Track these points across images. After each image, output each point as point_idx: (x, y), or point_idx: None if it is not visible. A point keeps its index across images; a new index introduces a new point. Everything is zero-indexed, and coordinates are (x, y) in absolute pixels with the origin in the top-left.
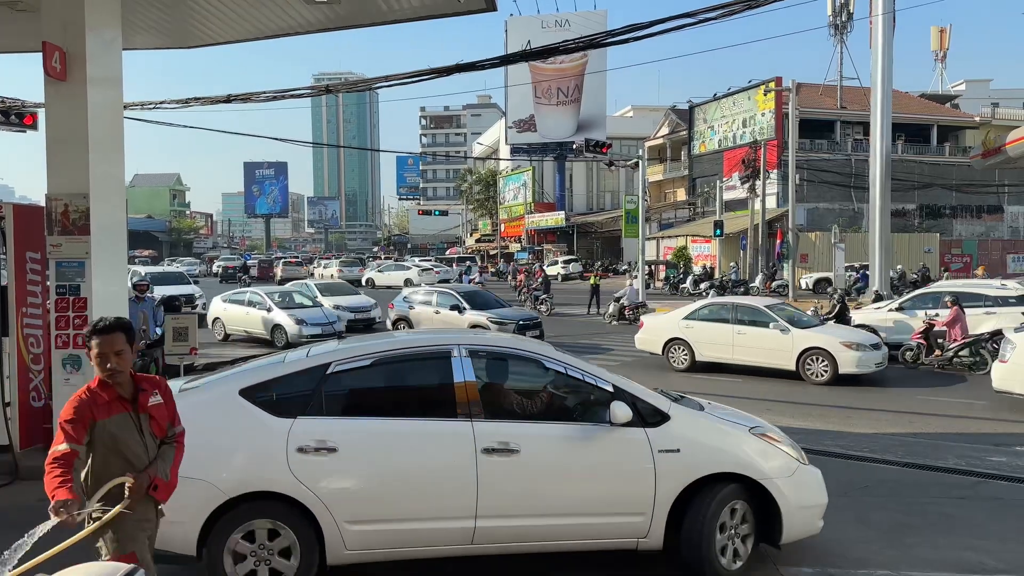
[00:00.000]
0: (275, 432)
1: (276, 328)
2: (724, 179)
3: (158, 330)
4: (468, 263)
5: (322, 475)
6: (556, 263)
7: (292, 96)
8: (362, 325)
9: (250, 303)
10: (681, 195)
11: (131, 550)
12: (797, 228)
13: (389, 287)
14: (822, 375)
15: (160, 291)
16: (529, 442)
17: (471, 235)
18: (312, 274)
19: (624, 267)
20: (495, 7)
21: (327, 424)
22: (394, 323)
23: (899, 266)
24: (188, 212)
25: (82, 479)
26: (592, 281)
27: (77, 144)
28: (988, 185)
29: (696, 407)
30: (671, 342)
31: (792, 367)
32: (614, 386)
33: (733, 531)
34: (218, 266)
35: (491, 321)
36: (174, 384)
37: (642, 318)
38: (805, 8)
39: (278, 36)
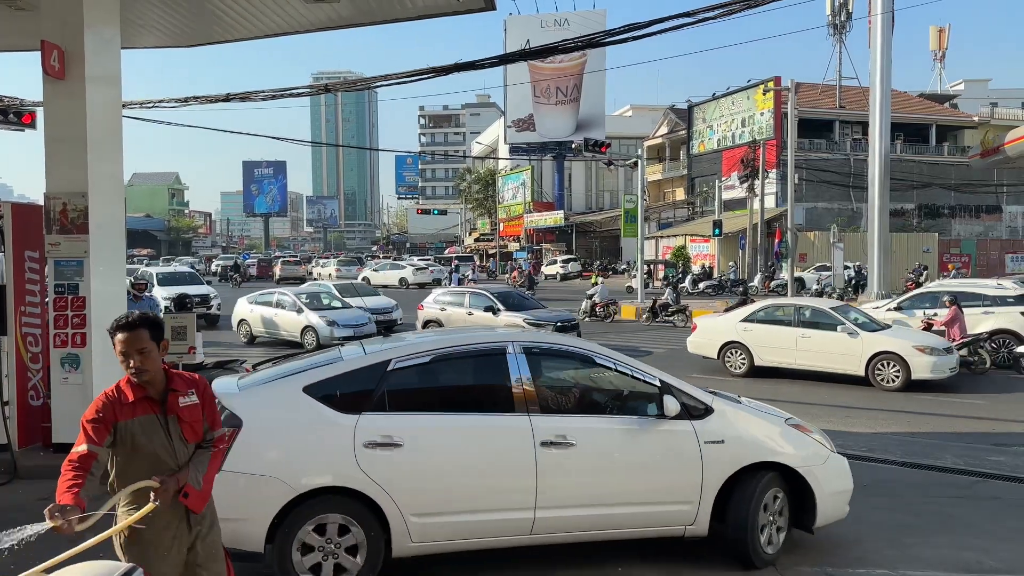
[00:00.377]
0: (342, 428)
1: (307, 330)
2: (723, 179)
3: None
4: (457, 262)
5: (388, 469)
6: (555, 262)
7: (291, 95)
8: (383, 327)
9: (279, 305)
10: (680, 195)
11: (134, 562)
12: (796, 228)
13: (385, 286)
14: (893, 381)
15: (173, 291)
16: (584, 435)
17: (470, 234)
18: (311, 273)
19: (623, 266)
20: (494, 6)
21: (391, 420)
22: (424, 324)
23: (856, 263)
24: (187, 211)
25: (109, 483)
26: (593, 281)
27: (76, 143)
28: (987, 185)
29: (734, 401)
30: (728, 345)
31: (861, 373)
32: (661, 381)
33: (772, 517)
34: (216, 265)
35: (527, 323)
36: (227, 382)
37: (694, 320)
38: (804, 8)
39: (277, 35)
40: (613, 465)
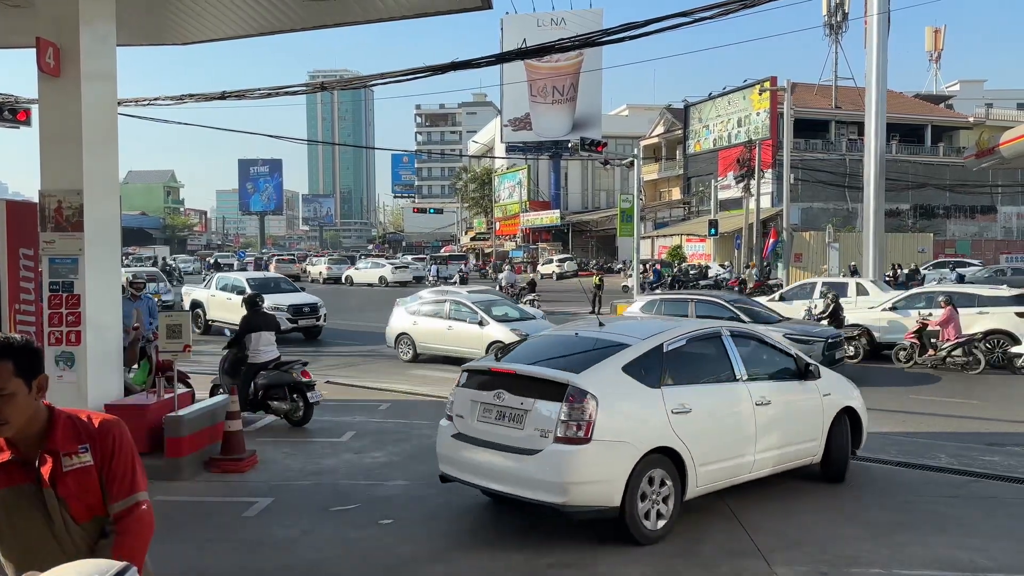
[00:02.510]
0: (656, 399)
1: (493, 345)
2: (719, 178)
3: (154, 328)
4: (434, 259)
5: (686, 430)
6: (551, 261)
7: (287, 93)
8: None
9: (452, 316)
10: (676, 194)
11: None
12: (792, 227)
13: (370, 284)
14: None
15: (275, 299)
16: (774, 395)
17: (466, 233)
18: (306, 271)
19: (619, 266)
20: (490, 5)
21: (679, 391)
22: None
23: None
24: (182, 209)
25: None
26: (595, 280)
27: (71, 140)
28: (982, 185)
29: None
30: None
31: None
32: (799, 355)
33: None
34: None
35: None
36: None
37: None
38: (801, 8)
39: (273, 33)
40: (788, 416)
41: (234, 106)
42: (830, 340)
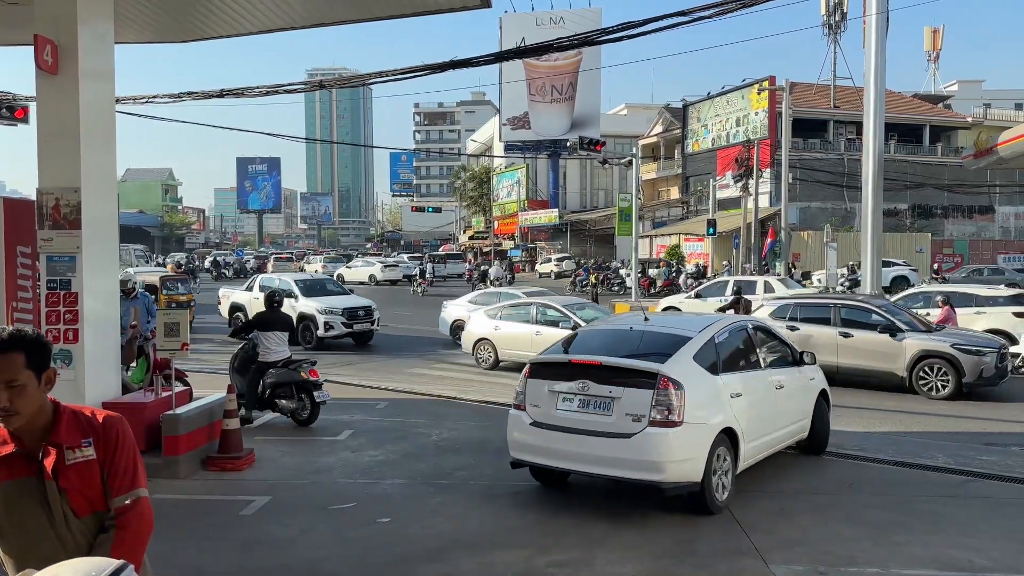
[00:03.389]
0: (718, 385)
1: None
2: (717, 178)
3: (151, 326)
4: (425, 259)
5: (740, 412)
6: (550, 260)
7: (285, 91)
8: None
9: (540, 320)
10: (674, 193)
11: None
12: (790, 227)
13: (361, 283)
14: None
15: (326, 302)
16: (786, 379)
17: (464, 232)
18: (303, 269)
19: (617, 264)
20: (489, 4)
21: (730, 377)
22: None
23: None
24: (180, 207)
25: None
26: (592, 280)
27: (69, 138)
28: (980, 185)
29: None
30: None
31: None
32: (792, 345)
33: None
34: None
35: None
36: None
37: None
38: (799, 7)
39: (272, 31)
40: (794, 397)
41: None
42: (1000, 351)
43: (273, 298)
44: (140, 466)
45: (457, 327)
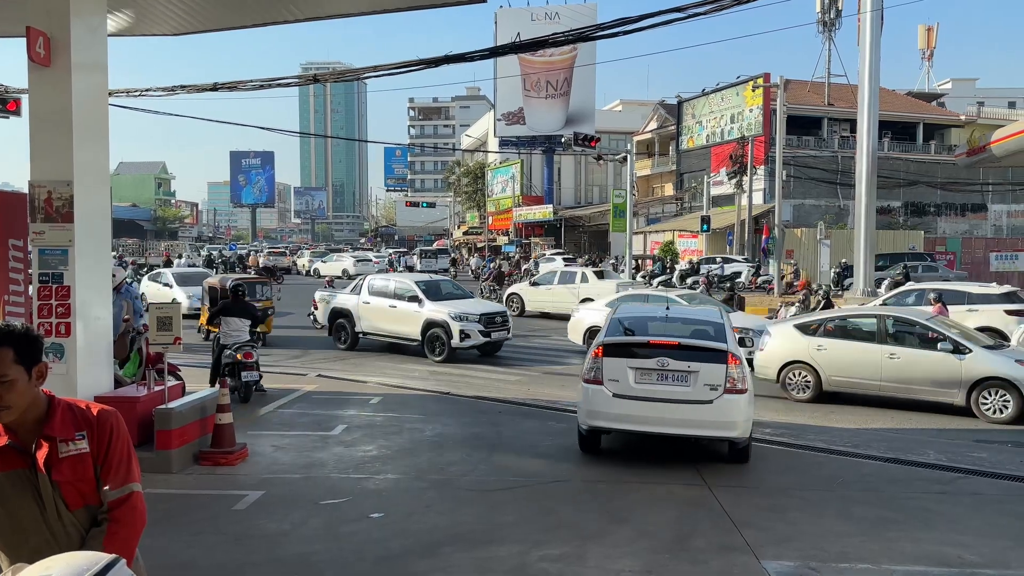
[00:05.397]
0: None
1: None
2: (711, 174)
3: (143, 320)
4: (393, 255)
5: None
6: (543, 256)
7: (279, 85)
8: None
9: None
10: (669, 190)
11: None
12: (783, 224)
13: (337, 277)
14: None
15: (455, 306)
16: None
17: (459, 227)
18: (295, 263)
19: (611, 261)
20: None
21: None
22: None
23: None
24: (173, 201)
25: None
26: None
27: (61, 131)
28: (972, 183)
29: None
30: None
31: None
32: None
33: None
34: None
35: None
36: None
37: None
38: (794, 5)
39: (266, 24)
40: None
41: (226, 98)
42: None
43: (237, 290)
44: (134, 460)
45: (592, 333)
